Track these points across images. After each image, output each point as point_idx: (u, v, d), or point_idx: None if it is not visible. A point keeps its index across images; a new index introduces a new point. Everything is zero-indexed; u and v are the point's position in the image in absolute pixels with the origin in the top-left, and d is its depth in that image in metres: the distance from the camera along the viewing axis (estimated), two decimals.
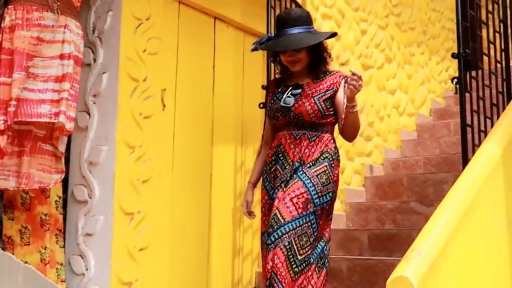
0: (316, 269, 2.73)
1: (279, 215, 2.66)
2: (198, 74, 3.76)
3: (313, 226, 2.71)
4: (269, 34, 3.15)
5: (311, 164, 2.77)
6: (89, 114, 3.24)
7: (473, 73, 3.57)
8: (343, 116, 2.82)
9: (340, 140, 4.79)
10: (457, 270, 2.09)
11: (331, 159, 2.83)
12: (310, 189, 2.72)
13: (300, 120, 2.83)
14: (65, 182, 3.24)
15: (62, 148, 2.91)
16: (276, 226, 2.64)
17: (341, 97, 2.85)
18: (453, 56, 3.36)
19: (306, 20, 2.91)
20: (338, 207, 4.68)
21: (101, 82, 3.22)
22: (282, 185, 2.78)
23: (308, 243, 2.68)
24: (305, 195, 2.70)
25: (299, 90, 2.87)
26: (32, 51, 2.67)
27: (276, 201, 2.74)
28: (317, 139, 2.83)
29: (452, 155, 4.94)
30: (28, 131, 2.85)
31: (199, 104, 3.71)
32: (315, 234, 2.72)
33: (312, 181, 2.73)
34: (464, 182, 2.47)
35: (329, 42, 4.87)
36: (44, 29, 2.69)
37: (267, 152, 2.99)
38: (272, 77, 3.77)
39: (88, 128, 3.22)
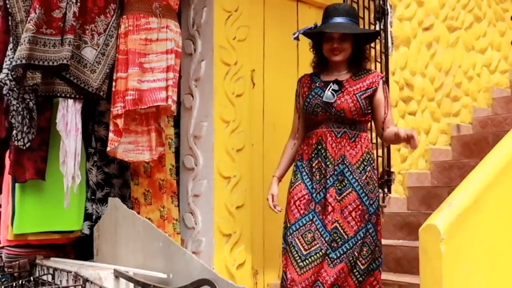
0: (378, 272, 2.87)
1: (341, 231, 2.76)
2: (283, 54, 4.26)
3: (372, 235, 2.82)
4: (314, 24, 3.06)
5: (357, 167, 2.82)
6: (192, 96, 3.89)
7: None
8: (387, 126, 2.89)
9: (424, 103, 5.10)
10: (488, 222, 2.40)
11: (372, 162, 2.89)
12: (364, 199, 2.80)
13: (341, 117, 2.84)
14: (177, 153, 3.93)
15: (163, 125, 3.57)
16: (341, 242, 2.75)
17: (380, 98, 2.90)
18: None
19: (354, 14, 2.97)
20: (423, 166, 5.03)
21: (200, 68, 3.84)
22: (328, 184, 2.81)
23: (369, 251, 2.80)
24: (360, 206, 2.78)
25: (339, 86, 2.87)
26: (142, 50, 3.32)
27: (331, 210, 2.78)
28: (357, 138, 2.86)
29: None
30: (152, 113, 3.53)
31: (285, 81, 4.20)
32: (374, 242, 2.83)
33: (364, 190, 2.81)
34: (509, 139, 2.75)
35: (411, 8, 5.17)
36: (150, 31, 3.33)
37: (299, 147, 3.03)
38: None
39: (192, 108, 3.87)
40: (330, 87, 2.87)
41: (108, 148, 3.30)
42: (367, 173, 2.83)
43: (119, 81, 3.24)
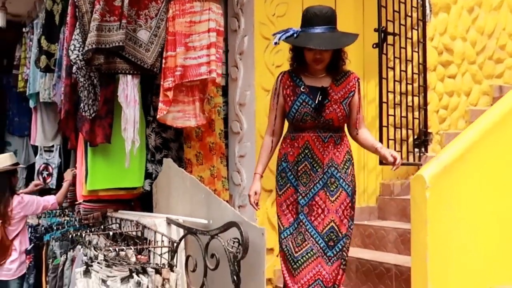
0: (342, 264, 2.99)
1: (337, 230, 2.90)
2: None
3: (351, 227, 3.02)
4: (293, 28, 3.02)
5: (342, 167, 2.95)
6: (237, 68, 4.36)
7: None
8: (360, 127, 3.04)
9: (464, 66, 5.28)
10: (473, 174, 2.74)
11: (351, 160, 3.03)
12: (351, 196, 2.96)
13: (329, 124, 2.93)
14: (226, 119, 4.44)
15: (212, 95, 4.07)
16: (336, 240, 2.90)
17: (356, 100, 3.01)
18: None
19: (335, 19, 2.94)
20: (463, 127, 5.27)
21: (244, 43, 4.30)
22: (317, 187, 2.92)
23: (349, 241, 3.00)
24: (349, 204, 2.95)
25: (326, 95, 2.93)
26: (186, 31, 3.81)
27: (323, 212, 2.90)
28: (341, 141, 2.99)
29: None
30: (196, 86, 4.05)
31: None
32: (350, 232, 3.02)
33: (350, 188, 2.95)
34: (501, 103, 3.05)
35: None
36: (194, 14, 3.81)
37: (277, 144, 3.13)
38: (382, 25, 4.48)
39: (237, 79, 4.35)
40: (319, 96, 2.91)
41: (158, 116, 3.84)
42: (350, 172, 2.98)
43: (169, 59, 3.76)
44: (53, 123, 5.28)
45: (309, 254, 2.91)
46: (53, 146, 5.59)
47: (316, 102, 2.89)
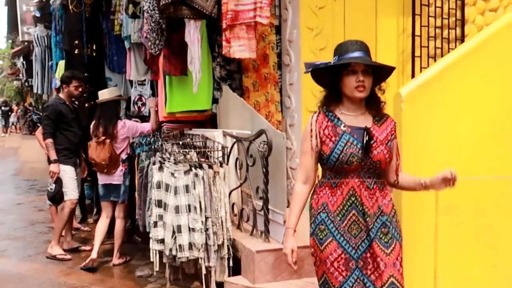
0: None
1: (398, 285, 2.62)
2: None
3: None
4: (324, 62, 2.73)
5: (392, 216, 2.70)
6: (287, 10, 5.17)
7: None
8: (398, 172, 2.79)
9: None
10: (449, 92, 3.35)
11: (396, 210, 2.77)
12: (401, 247, 2.72)
13: (375, 168, 2.65)
14: (279, 54, 5.30)
15: (266, 33, 4.93)
16: None
17: (395, 145, 2.74)
18: None
19: (369, 50, 2.72)
20: None
21: None
22: (370, 237, 2.62)
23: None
24: (401, 255, 2.69)
25: (371, 135, 2.63)
26: None
27: (379, 266, 2.61)
28: (385, 187, 2.72)
29: None
30: (251, 25, 4.91)
31: None
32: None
33: (401, 237, 2.72)
34: (482, 32, 3.63)
35: None
36: None
37: (311, 192, 2.78)
38: None
39: (287, 19, 5.17)
40: (366, 135, 2.61)
41: (223, 52, 4.77)
42: (397, 220, 2.75)
43: (223, 5, 4.64)
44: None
45: None
46: (145, 80, 6.67)
47: (364, 142, 2.60)
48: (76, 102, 6.30)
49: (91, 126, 5.52)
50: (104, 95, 5.54)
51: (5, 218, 8.13)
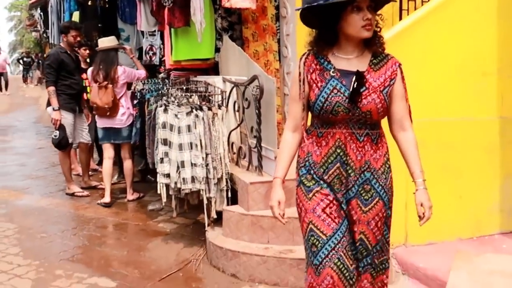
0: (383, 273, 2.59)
1: (367, 242, 2.47)
2: None
3: (386, 237, 2.56)
4: None
5: (382, 172, 2.45)
6: None
7: None
8: (405, 121, 2.50)
9: None
10: (420, 41, 3.78)
11: (390, 165, 2.51)
12: (388, 206, 2.50)
13: (366, 118, 2.38)
14: (277, 7, 5.67)
15: None
16: (365, 253, 2.49)
17: (398, 90, 2.44)
18: None
19: None
20: None
21: None
22: (350, 195, 2.43)
23: (385, 255, 2.58)
24: (385, 214, 2.49)
25: (362, 81, 2.35)
26: None
27: (356, 221, 2.44)
28: (379, 140, 2.45)
29: None
30: None
31: None
32: (388, 241, 2.59)
33: (388, 196, 2.50)
34: None
35: None
36: None
37: (300, 141, 2.56)
38: None
39: None
40: (354, 83, 2.34)
41: (225, 4, 5.16)
42: (390, 177, 2.51)
43: None
44: None
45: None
46: (155, 30, 7.07)
47: (351, 90, 2.33)
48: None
49: (90, 71, 5.97)
50: (104, 42, 6.00)
51: (28, 160, 8.75)
